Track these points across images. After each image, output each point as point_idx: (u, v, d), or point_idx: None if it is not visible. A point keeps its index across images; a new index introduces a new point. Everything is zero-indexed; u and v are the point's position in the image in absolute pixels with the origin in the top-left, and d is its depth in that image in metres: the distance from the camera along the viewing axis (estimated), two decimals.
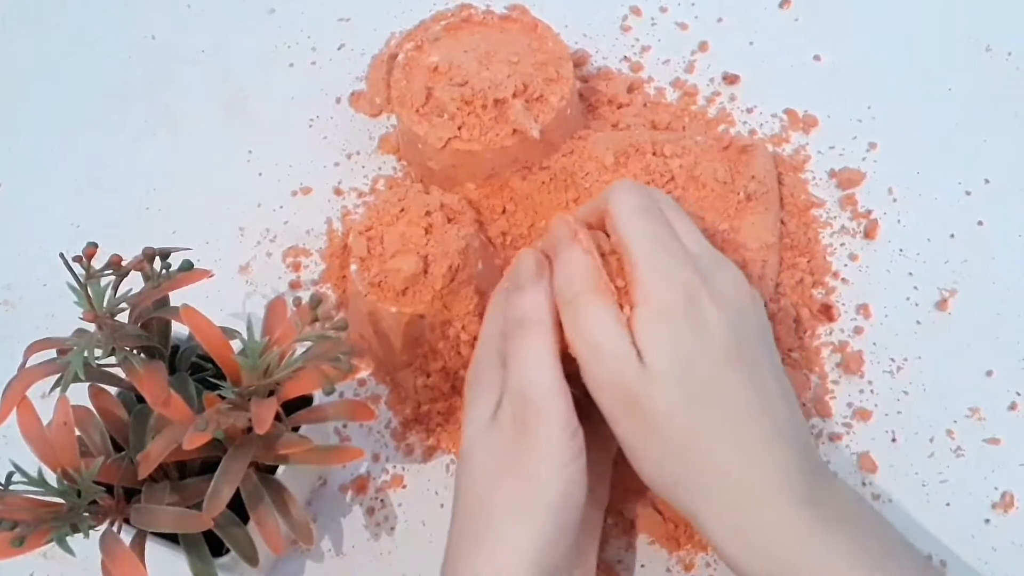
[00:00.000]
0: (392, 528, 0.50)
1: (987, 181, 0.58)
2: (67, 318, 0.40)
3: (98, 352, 0.38)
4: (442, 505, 0.50)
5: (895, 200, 0.57)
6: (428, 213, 0.50)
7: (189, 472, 0.42)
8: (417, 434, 0.52)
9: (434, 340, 0.50)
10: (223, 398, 0.39)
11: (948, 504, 0.48)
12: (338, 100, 0.64)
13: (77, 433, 0.39)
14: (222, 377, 0.40)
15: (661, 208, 0.44)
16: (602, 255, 0.42)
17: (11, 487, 0.36)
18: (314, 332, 0.38)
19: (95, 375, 0.41)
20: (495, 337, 0.43)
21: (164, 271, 0.39)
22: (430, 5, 0.67)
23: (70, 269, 0.37)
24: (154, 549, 0.40)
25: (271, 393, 0.39)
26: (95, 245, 0.37)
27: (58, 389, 0.38)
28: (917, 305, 0.54)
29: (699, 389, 0.39)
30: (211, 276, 0.41)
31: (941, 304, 0.54)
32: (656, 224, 0.42)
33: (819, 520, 0.38)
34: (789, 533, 0.38)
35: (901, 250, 0.56)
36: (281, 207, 0.60)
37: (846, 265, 0.55)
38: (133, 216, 0.60)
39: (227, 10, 0.69)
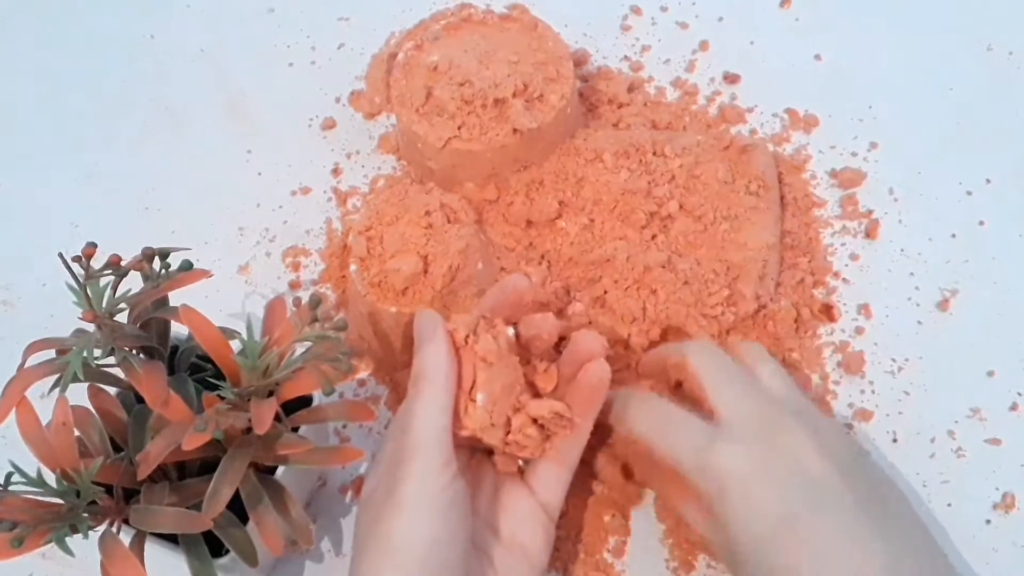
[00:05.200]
0: None
1: (988, 181, 0.57)
2: (67, 318, 0.40)
3: (97, 352, 0.38)
4: None
5: (896, 200, 0.57)
6: (428, 213, 0.50)
7: (188, 472, 0.42)
8: None
9: None
10: (222, 398, 0.39)
11: (949, 505, 0.48)
12: (338, 100, 0.64)
13: (76, 433, 0.38)
14: (221, 377, 0.40)
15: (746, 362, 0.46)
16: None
17: (10, 487, 0.36)
18: (313, 332, 0.38)
19: (94, 375, 0.41)
20: None
21: (163, 271, 0.39)
22: (430, 5, 0.67)
23: (69, 269, 0.37)
24: (153, 549, 0.40)
25: (270, 393, 0.39)
26: (94, 245, 0.37)
27: (57, 389, 0.38)
28: (918, 305, 0.54)
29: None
30: (210, 276, 0.41)
31: (942, 304, 0.53)
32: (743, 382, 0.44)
33: None
34: None
35: (902, 250, 0.55)
36: (280, 207, 0.60)
37: (847, 265, 0.55)
38: (133, 216, 0.60)
39: (226, 10, 0.69)
